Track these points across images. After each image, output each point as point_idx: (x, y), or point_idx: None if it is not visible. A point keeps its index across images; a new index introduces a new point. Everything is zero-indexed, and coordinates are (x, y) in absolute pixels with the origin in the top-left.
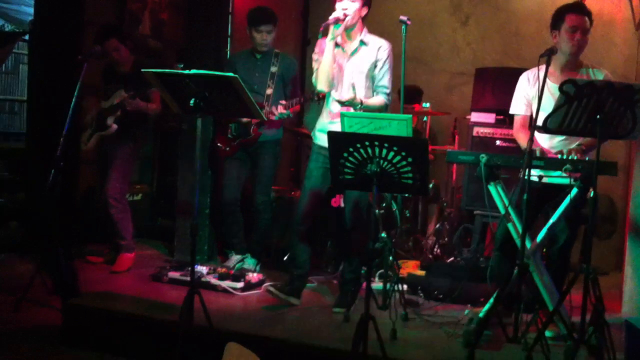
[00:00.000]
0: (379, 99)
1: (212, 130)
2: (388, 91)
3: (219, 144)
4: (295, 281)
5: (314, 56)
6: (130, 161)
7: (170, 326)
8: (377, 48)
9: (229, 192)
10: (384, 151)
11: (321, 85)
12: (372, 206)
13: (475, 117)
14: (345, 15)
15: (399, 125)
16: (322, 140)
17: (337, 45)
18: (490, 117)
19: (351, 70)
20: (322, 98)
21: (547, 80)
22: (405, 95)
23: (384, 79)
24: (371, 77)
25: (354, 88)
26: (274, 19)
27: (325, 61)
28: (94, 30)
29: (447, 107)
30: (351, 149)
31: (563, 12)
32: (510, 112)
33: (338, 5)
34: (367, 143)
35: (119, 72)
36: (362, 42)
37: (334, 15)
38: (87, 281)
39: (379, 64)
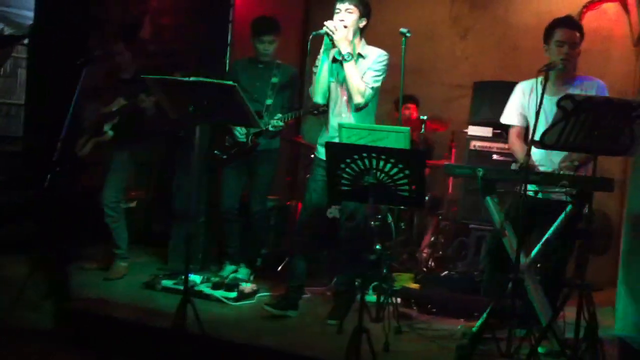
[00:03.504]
0: (361, 83)
1: (209, 138)
2: (371, 86)
3: (216, 152)
4: (291, 293)
5: (314, 69)
6: (127, 169)
7: (163, 334)
8: (375, 55)
9: (227, 201)
10: (381, 163)
11: (317, 97)
12: (368, 218)
13: (472, 130)
14: (337, 28)
15: (397, 137)
16: (322, 154)
17: (335, 60)
18: (487, 131)
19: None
20: (322, 112)
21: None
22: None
23: (370, 76)
24: None
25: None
26: (277, 29)
27: (319, 73)
28: (94, 35)
29: (445, 119)
30: (348, 160)
31: (553, 26)
32: (502, 121)
33: (336, 17)
34: (364, 154)
35: (121, 78)
36: (360, 55)
37: (328, 25)
38: (81, 287)
39: (371, 65)
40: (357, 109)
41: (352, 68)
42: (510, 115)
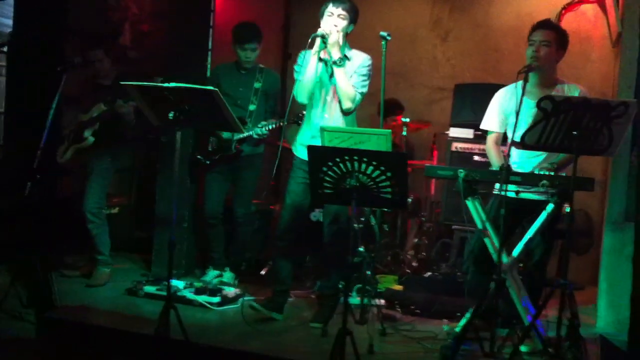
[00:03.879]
0: (351, 89)
1: (191, 144)
2: (360, 91)
3: (199, 157)
4: (277, 297)
5: (297, 68)
6: (108, 175)
7: (146, 340)
8: (359, 59)
9: (211, 206)
10: (363, 165)
11: (302, 97)
12: (351, 220)
13: (453, 132)
14: (332, 32)
15: (378, 139)
16: (303, 153)
17: (320, 59)
18: (468, 133)
19: (333, 85)
20: (302, 119)
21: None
22: (386, 108)
23: (358, 81)
24: None
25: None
26: (258, 37)
27: (308, 74)
28: (74, 42)
29: (426, 121)
30: (330, 163)
31: (532, 28)
32: (482, 127)
33: (329, 20)
34: (346, 157)
35: (100, 84)
36: (346, 57)
37: (323, 29)
38: (63, 294)
39: (357, 70)
40: (346, 114)
41: (343, 74)
42: (490, 121)
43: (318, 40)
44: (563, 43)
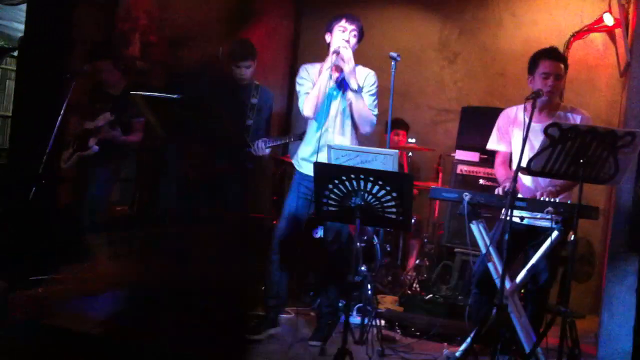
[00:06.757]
0: (370, 114)
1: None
2: (375, 112)
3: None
4: (271, 312)
5: (300, 81)
6: (110, 184)
7: (140, 351)
8: (364, 77)
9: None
10: (369, 184)
11: (309, 111)
12: (354, 239)
13: (459, 154)
14: (346, 48)
15: (384, 159)
16: (305, 168)
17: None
18: (474, 156)
19: (339, 100)
20: (300, 138)
21: (523, 117)
22: (393, 123)
23: (370, 102)
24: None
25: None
26: (252, 55)
27: (318, 88)
28: (83, 50)
29: (432, 143)
30: (336, 181)
31: (538, 57)
32: (489, 147)
33: (340, 36)
34: (352, 176)
35: (108, 93)
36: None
37: (336, 45)
38: (57, 301)
39: (368, 90)
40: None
41: (361, 100)
42: (493, 141)
43: (334, 56)
44: (567, 71)
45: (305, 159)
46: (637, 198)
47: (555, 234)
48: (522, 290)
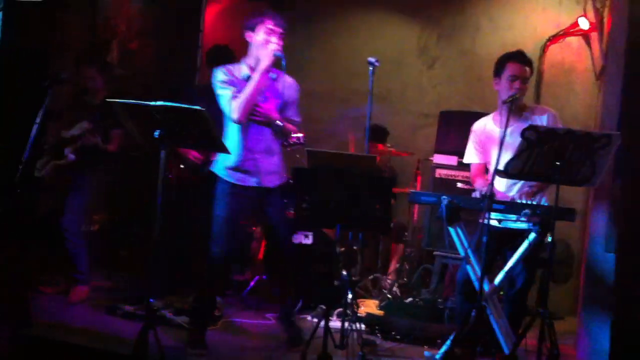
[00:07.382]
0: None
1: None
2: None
3: (170, 177)
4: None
5: (223, 85)
6: (89, 193)
7: None
8: (287, 84)
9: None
10: (348, 188)
11: (243, 116)
12: (334, 243)
13: (437, 158)
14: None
15: (364, 163)
16: (237, 179)
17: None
18: (452, 160)
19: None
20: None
21: (493, 125)
22: (371, 134)
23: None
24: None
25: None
26: (231, 60)
27: (252, 91)
28: (62, 57)
29: (411, 147)
30: (316, 185)
31: (505, 60)
32: (465, 161)
33: (271, 38)
34: (332, 179)
35: (88, 102)
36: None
37: (275, 48)
38: (40, 311)
39: (289, 100)
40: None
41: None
42: (470, 155)
43: (273, 59)
44: (532, 74)
45: (231, 168)
46: (614, 199)
47: (532, 236)
48: (501, 292)
